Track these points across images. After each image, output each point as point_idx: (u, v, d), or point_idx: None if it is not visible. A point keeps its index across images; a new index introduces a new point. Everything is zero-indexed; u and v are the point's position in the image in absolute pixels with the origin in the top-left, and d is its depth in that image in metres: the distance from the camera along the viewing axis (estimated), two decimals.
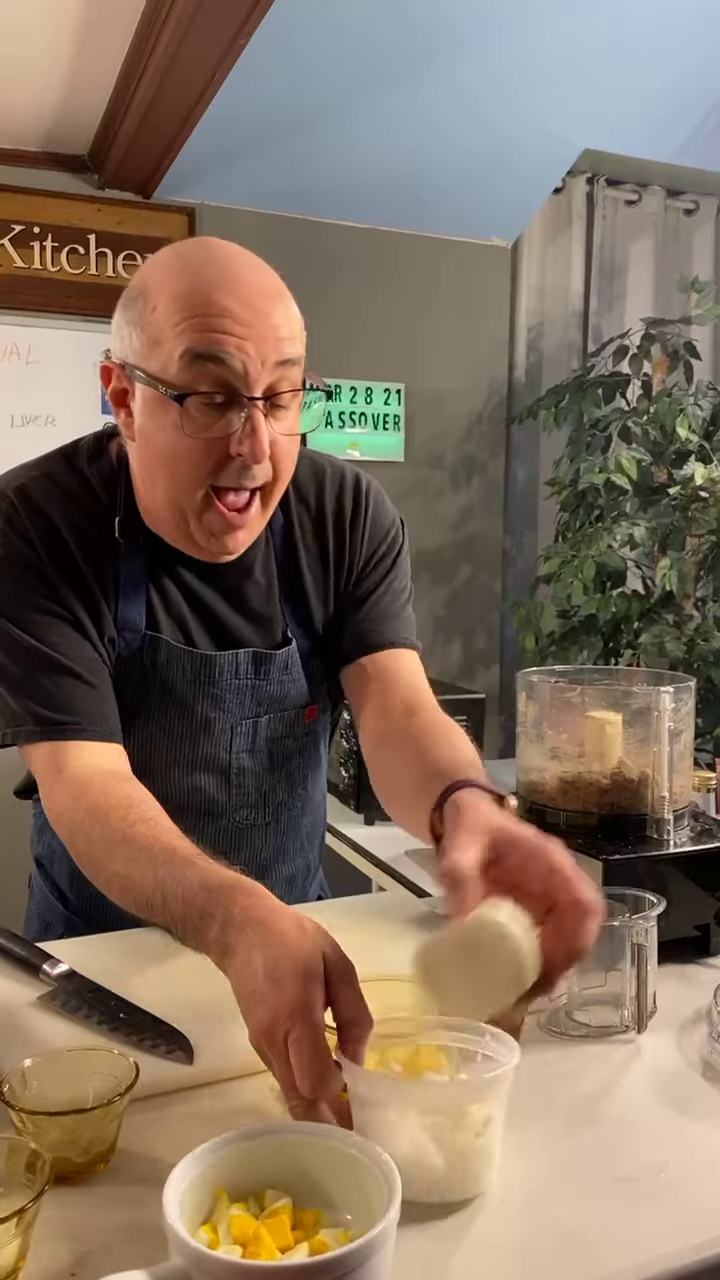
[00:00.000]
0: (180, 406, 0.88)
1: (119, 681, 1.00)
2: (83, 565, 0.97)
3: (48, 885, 1.19)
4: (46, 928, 1.18)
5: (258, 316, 0.87)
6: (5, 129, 2.56)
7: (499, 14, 2.18)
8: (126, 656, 1.00)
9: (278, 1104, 0.76)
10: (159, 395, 0.89)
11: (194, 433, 0.89)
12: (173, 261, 0.91)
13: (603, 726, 1.05)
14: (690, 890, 0.99)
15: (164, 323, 0.87)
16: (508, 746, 3.17)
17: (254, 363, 0.87)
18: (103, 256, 2.73)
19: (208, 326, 0.86)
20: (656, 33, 2.32)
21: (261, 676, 1.06)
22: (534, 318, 3.18)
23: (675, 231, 3.27)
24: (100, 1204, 0.65)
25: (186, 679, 1.03)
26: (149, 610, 1.01)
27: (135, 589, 0.99)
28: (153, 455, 0.93)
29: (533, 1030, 0.87)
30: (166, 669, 1.02)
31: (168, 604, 1.02)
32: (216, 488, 0.92)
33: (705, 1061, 0.83)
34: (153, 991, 0.90)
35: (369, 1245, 0.52)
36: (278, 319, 0.89)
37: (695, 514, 2.60)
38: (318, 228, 2.89)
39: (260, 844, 1.13)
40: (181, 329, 0.87)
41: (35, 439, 2.71)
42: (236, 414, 0.88)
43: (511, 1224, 0.63)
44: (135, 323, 0.90)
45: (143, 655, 1.01)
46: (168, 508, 0.95)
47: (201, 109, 2.28)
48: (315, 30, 2.14)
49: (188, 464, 0.91)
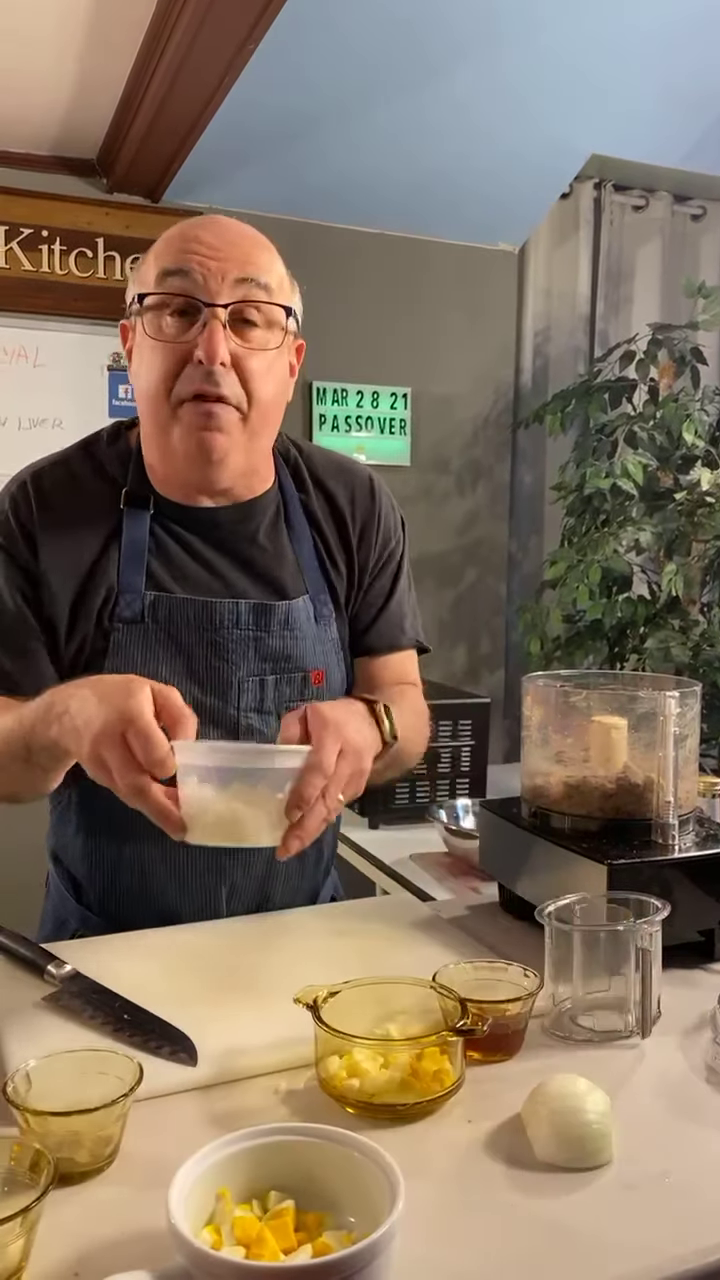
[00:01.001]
0: (171, 317, 0.99)
1: (126, 643, 1.06)
2: (80, 547, 1.05)
3: (63, 879, 1.20)
4: (61, 925, 1.18)
5: (228, 245, 1.00)
6: (15, 133, 2.57)
7: (507, 20, 2.19)
8: (129, 618, 1.06)
9: (282, 1106, 0.76)
10: (144, 317, 1.00)
11: (157, 336, 1.00)
12: (171, 229, 1.04)
13: (608, 731, 1.05)
14: (695, 895, 0.99)
15: (150, 258, 1.02)
16: (512, 751, 3.16)
17: (214, 277, 0.98)
18: (111, 260, 2.74)
19: (179, 249, 0.99)
20: (664, 38, 2.32)
21: (263, 629, 1.10)
22: (540, 322, 3.18)
23: (682, 237, 3.27)
24: (104, 1204, 0.65)
25: (190, 628, 1.08)
26: (150, 572, 1.07)
27: (136, 554, 1.07)
28: (138, 387, 1.03)
29: (536, 1034, 0.87)
30: (169, 623, 1.07)
31: (170, 565, 1.09)
32: (186, 400, 1.01)
33: (709, 1066, 0.82)
34: (157, 993, 0.90)
35: (372, 1247, 0.52)
36: (249, 250, 1.02)
37: (701, 519, 2.60)
38: (325, 232, 2.90)
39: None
40: (159, 254, 1.01)
41: (42, 441, 2.71)
42: (199, 325, 0.99)
43: (516, 1229, 0.63)
44: (144, 270, 1.03)
45: (144, 614, 1.06)
46: (153, 439, 1.04)
47: (210, 114, 2.29)
48: (323, 36, 2.14)
49: (158, 374, 1.00)
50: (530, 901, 1.02)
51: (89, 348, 2.72)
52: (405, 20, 2.14)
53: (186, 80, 2.13)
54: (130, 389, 2.74)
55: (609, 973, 0.88)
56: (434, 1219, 0.63)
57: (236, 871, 1.14)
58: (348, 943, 1.05)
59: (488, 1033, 0.78)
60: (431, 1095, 0.74)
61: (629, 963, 0.87)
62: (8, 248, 2.64)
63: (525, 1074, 0.79)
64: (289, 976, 0.87)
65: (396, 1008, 0.82)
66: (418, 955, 1.00)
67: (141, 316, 1.02)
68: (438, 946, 1.03)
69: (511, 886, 1.12)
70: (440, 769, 2.10)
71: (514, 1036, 0.84)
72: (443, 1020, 0.79)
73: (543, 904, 0.90)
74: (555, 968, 0.89)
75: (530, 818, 1.10)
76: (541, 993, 0.86)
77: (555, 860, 1.03)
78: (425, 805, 1.98)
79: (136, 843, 1.10)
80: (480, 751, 2.12)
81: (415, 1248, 0.59)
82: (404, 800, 2.06)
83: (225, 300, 0.99)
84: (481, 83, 2.38)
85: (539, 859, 1.06)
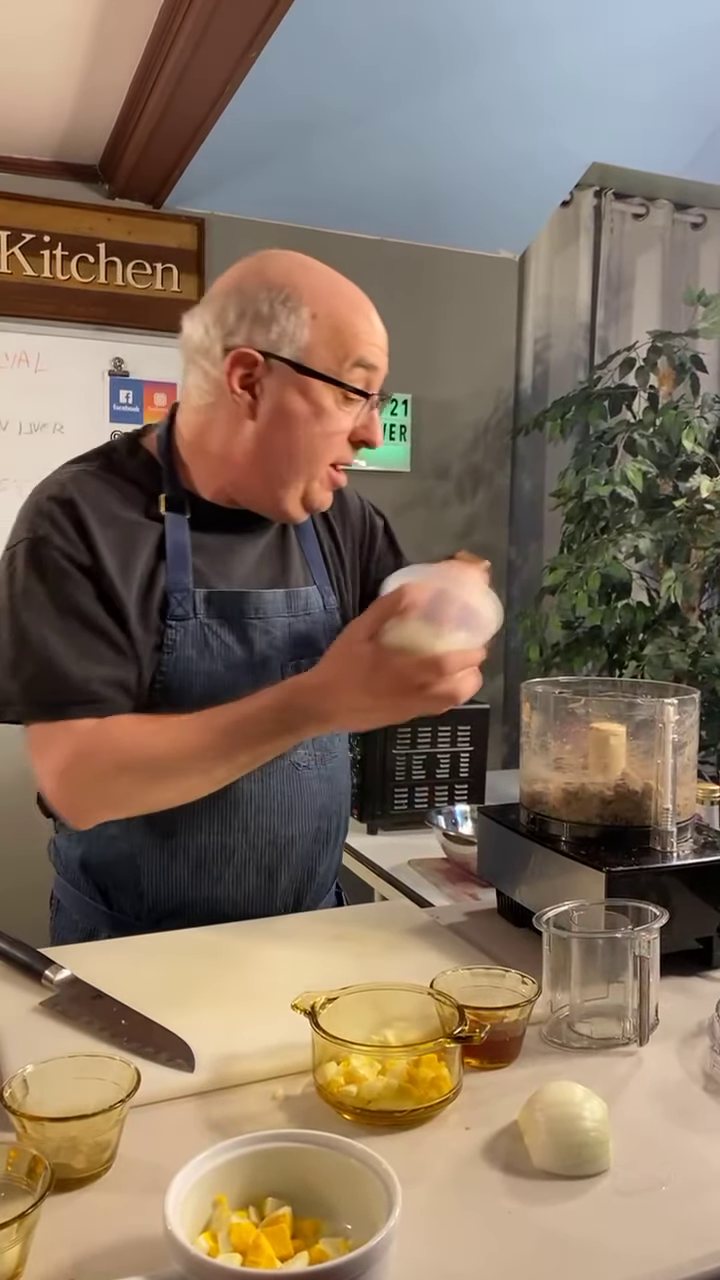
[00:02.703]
0: (343, 397, 1.08)
1: (180, 640, 1.09)
2: (113, 563, 1.07)
3: (88, 888, 1.19)
4: (90, 935, 1.17)
5: (383, 339, 1.11)
6: (18, 139, 2.58)
7: (508, 29, 2.20)
8: (181, 615, 1.10)
9: (280, 1112, 0.76)
10: (315, 384, 1.06)
11: (343, 417, 1.09)
12: (312, 279, 1.08)
13: (607, 738, 1.05)
14: (693, 903, 0.99)
15: (331, 334, 1.06)
16: (511, 757, 3.16)
17: (381, 373, 1.11)
18: (112, 266, 2.74)
19: (368, 342, 1.08)
20: (665, 47, 2.33)
21: (294, 613, 1.18)
22: (541, 329, 3.19)
23: (682, 245, 3.28)
24: (100, 1210, 0.65)
25: (237, 619, 1.13)
26: (196, 571, 1.12)
27: (181, 555, 1.11)
28: (283, 432, 1.08)
29: (534, 1041, 0.87)
30: (219, 616, 1.12)
31: (211, 561, 1.14)
32: (333, 464, 1.12)
33: (707, 1074, 0.82)
34: (154, 998, 0.90)
35: (369, 1255, 0.52)
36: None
37: (701, 526, 2.60)
38: (326, 239, 2.91)
39: (315, 788, 1.20)
40: (351, 340, 1.07)
41: (44, 446, 2.72)
42: (365, 408, 1.10)
43: (513, 1235, 0.63)
44: (294, 324, 1.06)
45: (194, 609, 1.11)
46: (274, 480, 1.10)
47: (212, 120, 2.30)
48: (324, 44, 2.15)
49: (330, 443, 1.10)
50: (528, 908, 1.02)
51: (90, 353, 2.73)
52: (406, 30, 2.15)
53: (189, 87, 2.14)
54: (131, 394, 2.76)
55: (607, 980, 0.88)
56: (431, 1226, 0.63)
57: (293, 851, 1.18)
58: (345, 948, 1.05)
59: (485, 1039, 0.78)
60: (429, 1102, 0.74)
61: (627, 970, 0.87)
62: (10, 253, 2.65)
63: (523, 1081, 0.79)
64: (287, 982, 0.87)
65: (394, 1014, 0.82)
66: (415, 961, 1.00)
67: (306, 375, 1.06)
68: (435, 953, 1.03)
69: (510, 893, 1.12)
70: (438, 775, 2.10)
71: (512, 1043, 0.84)
72: (440, 1027, 0.79)
73: (541, 911, 0.90)
74: (553, 975, 0.89)
75: (529, 824, 1.10)
76: (539, 1000, 0.86)
77: (553, 867, 1.03)
78: (424, 811, 1.98)
79: (192, 833, 1.13)
80: (479, 757, 2.12)
81: (412, 1255, 0.59)
82: (403, 806, 2.06)
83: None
84: (482, 91, 2.39)
85: (537, 865, 1.06)
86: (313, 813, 1.19)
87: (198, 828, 1.13)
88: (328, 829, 1.22)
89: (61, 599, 1.04)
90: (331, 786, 1.23)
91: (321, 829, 1.21)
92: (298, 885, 1.21)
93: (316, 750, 1.19)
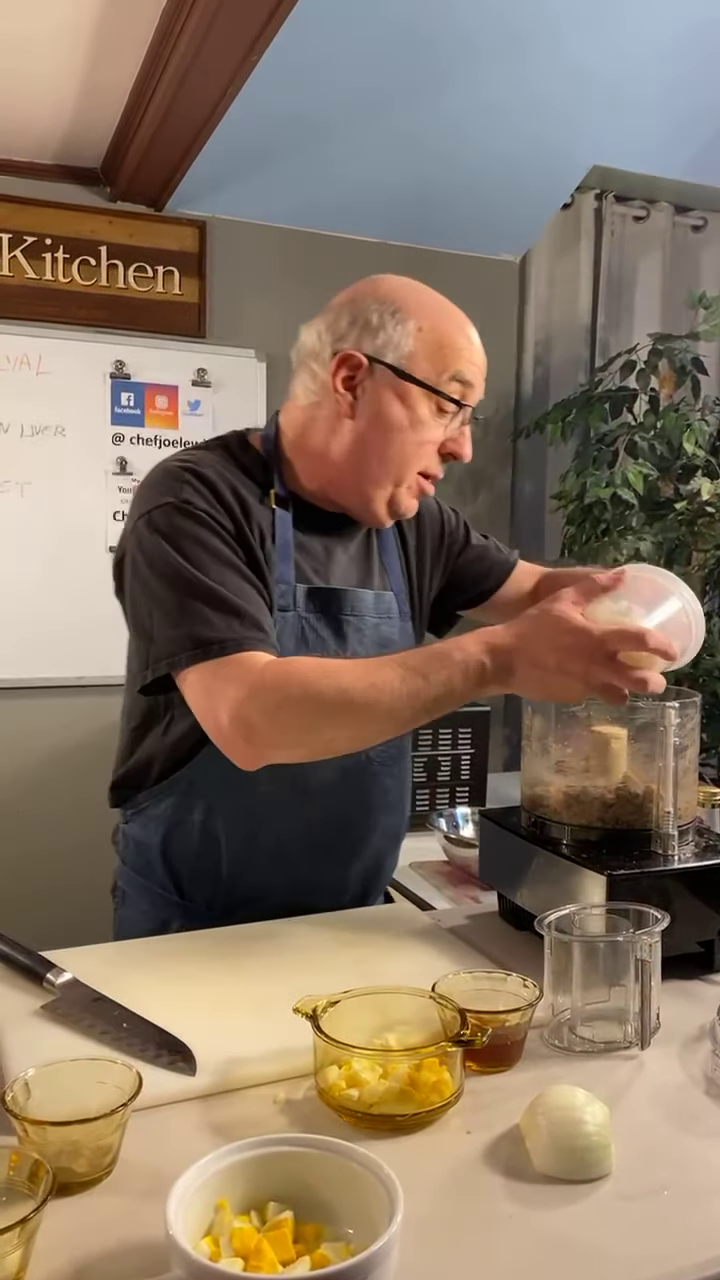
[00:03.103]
0: (437, 408, 1.14)
1: (280, 631, 1.13)
2: (249, 533, 1.12)
3: (160, 880, 1.21)
4: (162, 925, 1.20)
5: (482, 359, 1.18)
6: (19, 142, 2.58)
7: (509, 32, 2.20)
8: (283, 606, 1.14)
9: (281, 1116, 0.76)
10: (413, 392, 1.13)
11: (435, 427, 1.15)
12: (421, 298, 1.16)
13: (608, 741, 1.05)
14: (694, 906, 0.99)
15: (434, 347, 1.13)
16: (512, 759, 3.16)
17: (476, 391, 1.17)
18: (114, 268, 2.74)
19: (468, 359, 1.15)
20: (666, 50, 2.33)
21: (380, 614, 1.23)
22: (541, 332, 3.19)
23: (683, 247, 3.28)
24: (102, 1214, 0.65)
25: (332, 615, 1.18)
26: (296, 566, 1.17)
27: (286, 549, 1.16)
28: (378, 434, 1.14)
29: (535, 1045, 0.87)
30: (317, 611, 1.17)
31: (310, 558, 1.19)
32: (422, 472, 1.18)
33: (708, 1078, 0.82)
34: (156, 1001, 0.90)
35: (371, 1259, 0.52)
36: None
37: (701, 529, 2.60)
38: (327, 242, 2.91)
39: (387, 785, 1.24)
40: (451, 355, 1.14)
41: (46, 449, 2.72)
42: (457, 421, 1.17)
43: (515, 1240, 0.63)
44: (399, 334, 1.13)
45: (294, 602, 1.15)
46: (366, 478, 1.16)
47: (214, 123, 2.30)
48: (327, 47, 2.15)
49: (420, 451, 1.16)
50: (530, 911, 1.02)
51: (92, 356, 2.73)
52: (407, 33, 2.16)
53: (191, 90, 2.14)
54: (132, 396, 2.77)
55: (608, 983, 0.88)
56: (432, 1230, 0.63)
57: (365, 846, 1.22)
58: (347, 952, 1.05)
59: (487, 1043, 0.78)
60: (430, 1106, 0.74)
61: (628, 974, 0.87)
62: (11, 256, 2.65)
63: (524, 1085, 0.79)
64: (288, 986, 0.87)
65: (396, 1018, 0.82)
66: (417, 965, 1.00)
67: (405, 380, 1.12)
68: (437, 956, 1.03)
69: (511, 896, 1.12)
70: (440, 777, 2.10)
71: (513, 1047, 0.84)
72: (442, 1031, 0.79)
73: (542, 914, 0.90)
74: (555, 978, 0.89)
75: (530, 827, 1.10)
76: (541, 1003, 0.86)
77: (555, 870, 1.03)
78: (425, 814, 1.98)
79: (272, 822, 1.16)
80: (480, 760, 2.12)
81: (413, 1259, 0.59)
82: None
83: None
84: (483, 94, 2.39)
85: (538, 869, 1.06)
86: (384, 809, 1.24)
87: (278, 816, 1.16)
88: (395, 827, 1.28)
89: (214, 550, 1.07)
90: (400, 786, 1.27)
91: (390, 826, 1.26)
92: (365, 880, 1.25)
93: (391, 749, 1.22)
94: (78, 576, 2.75)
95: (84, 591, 2.76)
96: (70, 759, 2.78)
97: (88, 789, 2.83)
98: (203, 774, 1.15)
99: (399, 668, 0.98)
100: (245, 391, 2.86)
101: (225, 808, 1.16)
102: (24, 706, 2.75)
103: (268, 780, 1.05)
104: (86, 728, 2.79)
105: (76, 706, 2.79)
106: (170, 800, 1.18)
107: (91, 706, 2.79)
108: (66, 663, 2.75)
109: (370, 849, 1.24)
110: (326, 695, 0.97)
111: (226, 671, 1.01)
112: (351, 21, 2.10)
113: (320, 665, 1.02)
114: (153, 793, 1.20)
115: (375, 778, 1.22)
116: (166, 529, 1.07)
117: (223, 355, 2.84)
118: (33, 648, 2.73)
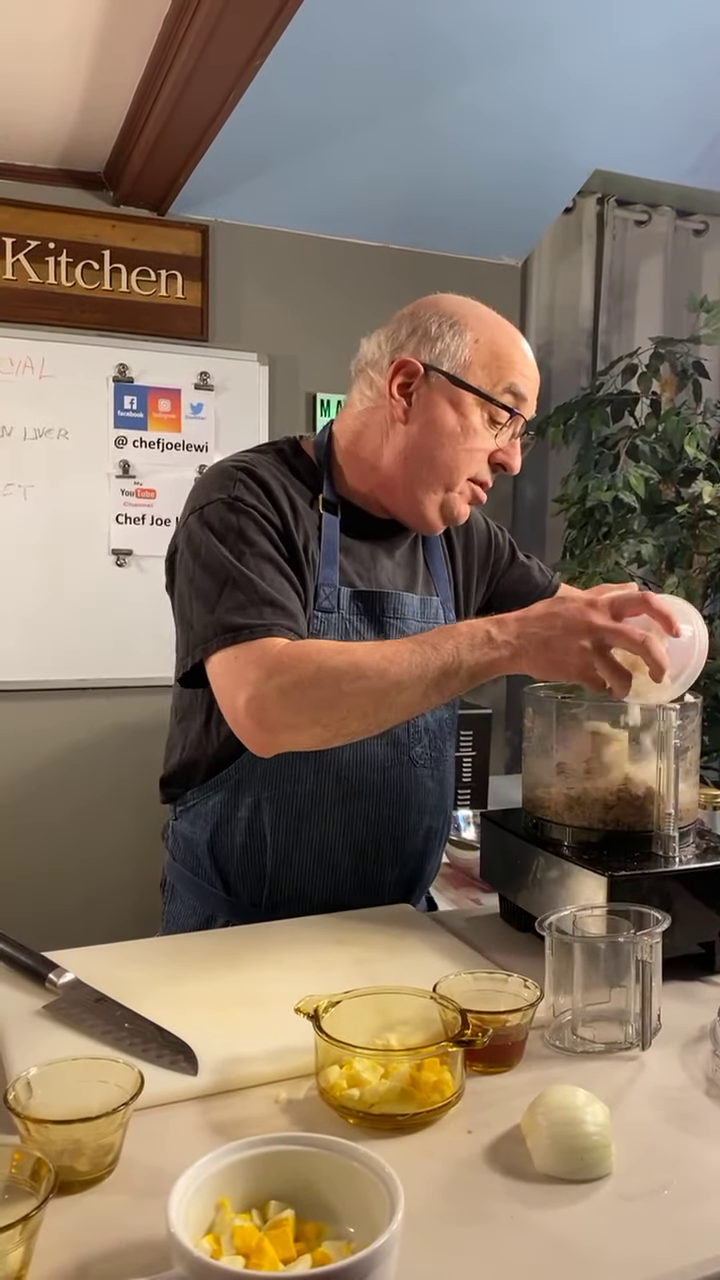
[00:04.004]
0: (489, 419, 1.17)
1: (323, 631, 1.16)
2: (295, 533, 1.14)
3: (211, 875, 1.23)
4: (208, 921, 1.22)
5: (535, 374, 1.21)
6: (23, 146, 2.59)
7: (510, 36, 2.20)
8: (327, 608, 1.17)
9: (283, 1115, 0.76)
10: (467, 400, 1.15)
11: (486, 436, 1.18)
12: (479, 312, 1.20)
13: (609, 743, 1.05)
14: (695, 907, 0.99)
15: (489, 358, 1.16)
16: (514, 762, 3.16)
17: (528, 405, 1.19)
18: (117, 272, 2.75)
19: (522, 374, 1.18)
20: (668, 54, 2.34)
21: (425, 618, 1.25)
22: (543, 336, 3.19)
23: (685, 251, 3.28)
24: (104, 1213, 0.65)
25: (375, 618, 1.20)
26: (341, 570, 1.20)
27: (332, 552, 1.19)
28: (430, 439, 1.17)
29: (536, 1045, 0.87)
30: (360, 613, 1.19)
31: (355, 562, 1.22)
32: (472, 480, 1.20)
33: (709, 1079, 0.83)
34: (158, 1001, 0.90)
35: (371, 1258, 0.52)
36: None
37: (703, 532, 2.61)
38: (329, 245, 2.92)
39: (429, 787, 1.26)
40: (506, 367, 1.17)
41: (48, 452, 2.73)
42: (508, 433, 1.19)
43: (515, 1240, 0.63)
44: (456, 344, 1.16)
45: (338, 604, 1.18)
46: (416, 481, 1.18)
47: (216, 128, 2.31)
48: (329, 51, 2.16)
49: (471, 458, 1.18)
50: (531, 913, 1.02)
51: (94, 359, 2.74)
52: (408, 38, 2.16)
53: (193, 95, 2.15)
54: (135, 400, 2.77)
55: (609, 984, 0.88)
56: (433, 1230, 0.63)
57: (406, 846, 1.24)
58: (348, 952, 1.05)
59: (488, 1044, 0.78)
60: (431, 1106, 0.74)
61: (629, 975, 0.87)
62: (15, 260, 2.66)
63: (525, 1085, 0.79)
64: (290, 986, 0.87)
65: (397, 1018, 0.82)
66: (418, 965, 1.00)
67: (460, 387, 1.15)
68: (438, 957, 1.03)
69: (512, 897, 1.12)
70: None
71: (514, 1048, 0.84)
72: (443, 1031, 0.79)
73: (543, 915, 0.90)
74: (555, 979, 0.89)
75: (531, 829, 1.10)
76: (542, 1004, 0.86)
77: (556, 871, 1.03)
78: None
79: (316, 820, 1.18)
80: (481, 762, 2.13)
81: (414, 1258, 0.59)
82: None
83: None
84: (485, 98, 2.40)
85: (540, 870, 1.06)
86: (426, 810, 1.25)
87: (322, 815, 1.18)
88: (437, 829, 1.29)
89: (257, 544, 1.09)
90: (442, 789, 1.29)
91: (432, 828, 1.27)
92: (407, 880, 1.26)
93: (432, 750, 1.25)
94: (80, 579, 2.76)
95: (86, 594, 2.77)
96: (71, 761, 2.79)
97: (87, 790, 2.84)
98: (249, 771, 1.17)
99: (410, 642, 1.01)
100: (248, 394, 2.86)
101: (270, 805, 1.18)
102: (25, 709, 2.76)
103: (312, 778, 1.12)
104: (87, 731, 2.80)
105: (78, 709, 2.79)
106: (218, 797, 1.20)
107: (93, 709, 2.80)
108: (68, 665, 2.76)
109: (411, 850, 1.26)
110: (340, 667, 1.00)
111: (248, 654, 1.03)
112: (353, 27, 2.11)
113: (335, 644, 1.04)
114: (201, 789, 1.22)
115: (418, 779, 1.24)
116: (216, 523, 1.10)
117: (225, 358, 2.85)
118: (34, 650, 2.74)
